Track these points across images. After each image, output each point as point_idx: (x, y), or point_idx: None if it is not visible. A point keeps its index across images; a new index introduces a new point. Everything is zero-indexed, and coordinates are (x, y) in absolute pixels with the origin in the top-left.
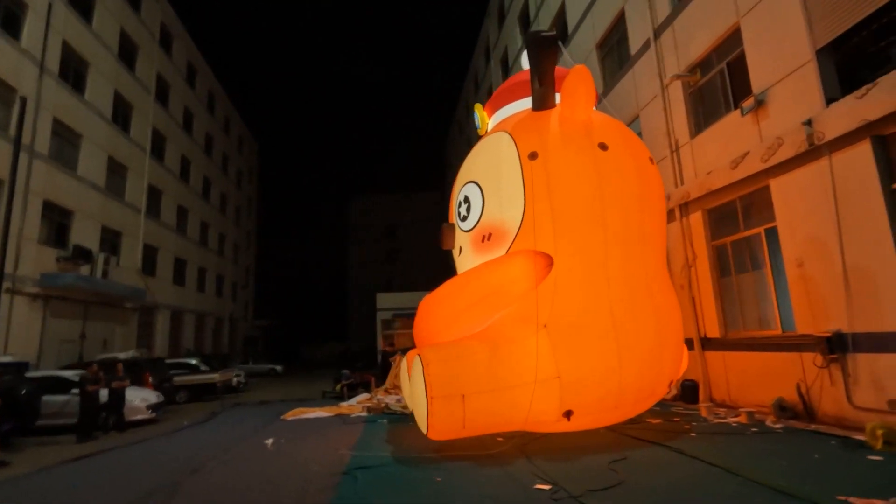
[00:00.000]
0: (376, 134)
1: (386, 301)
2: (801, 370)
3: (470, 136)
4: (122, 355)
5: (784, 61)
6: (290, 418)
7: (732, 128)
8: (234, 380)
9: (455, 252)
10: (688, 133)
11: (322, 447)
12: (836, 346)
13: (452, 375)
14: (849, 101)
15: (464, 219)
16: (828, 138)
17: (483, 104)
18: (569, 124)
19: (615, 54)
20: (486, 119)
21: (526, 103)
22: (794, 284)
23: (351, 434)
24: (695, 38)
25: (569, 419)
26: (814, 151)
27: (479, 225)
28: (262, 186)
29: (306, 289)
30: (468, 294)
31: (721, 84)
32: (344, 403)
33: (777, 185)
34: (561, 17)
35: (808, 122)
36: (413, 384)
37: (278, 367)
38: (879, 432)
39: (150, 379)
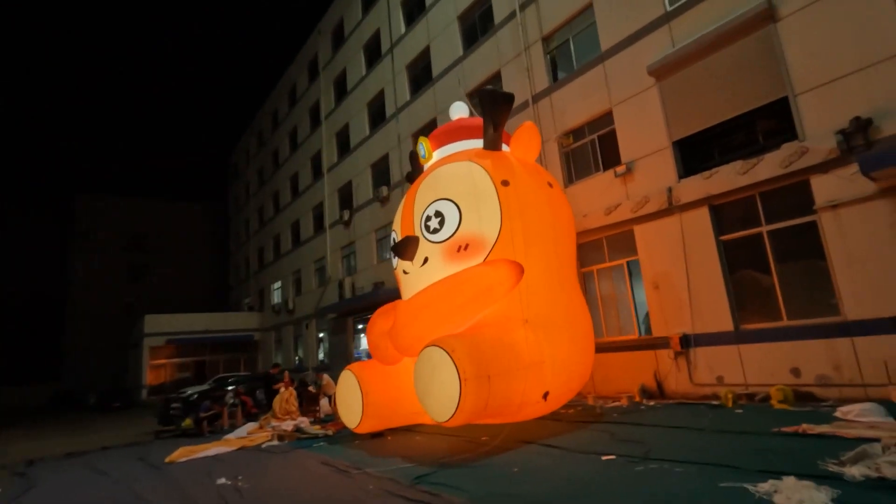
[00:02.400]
0: (130, 122)
1: (158, 325)
2: (655, 362)
3: (276, 149)
4: None
5: (648, 143)
6: (182, 460)
7: (605, 184)
8: None
9: (415, 262)
10: (562, 182)
11: (316, 475)
12: (683, 344)
13: (479, 357)
14: (698, 179)
15: (434, 231)
16: (682, 202)
17: (309, 120)
18: (524, 164)
19: None
20: (432, 150)
21: (465, 144)
22: (652, 301)
23: (305, 461)
24: (571, 111)
25: (546, 400)
26: (670, 209)
27: (454, 237)
28: None
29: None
30: (462, 294)
31: (592, 150)
32: (231, 436)
33: (640, 230)
34: (423, 60)
35: (670, 189)
36: (429, 375)
37: None
38: (730, 395)
39: None
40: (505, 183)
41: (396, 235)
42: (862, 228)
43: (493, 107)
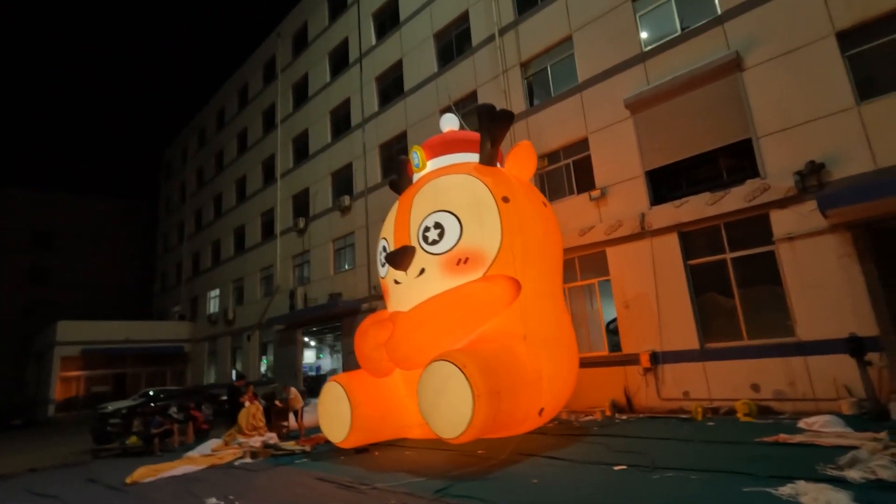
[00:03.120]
0: (41, 107)
1: (72, 332)
2: (624, 378)
3: (221, 149)
4: None
5: (622, 171)
6: (147, 480)
7: (579, 206)
8: None
9: (409, 272)
10: None
11: (320, 492)
12: (652, 360)
13: (489, 373)
14: (669, 207)
15: (433, 243)
16: (654, 227)
17: (262, 123)
18: (520, 182)
19: (465, 120)
20: (426, 160)
21: (461, 157)
22: (622, 319)
23: (296, 478)
24: (548, 135)
25: (540, 415)
26: (642, 234)
27: (454, 249)
28: None
29: None
30: (464, 308)
31: (567, 173)
32: (193, 453)
33: (612, 252)
34: (395, 73)
35: (643, 215)
36: (437, 390)
37: None
38: (699, 410)
39: None
40: (505, 199)
41: (388, 244)
42: (814, 259)
43: (492, 123)
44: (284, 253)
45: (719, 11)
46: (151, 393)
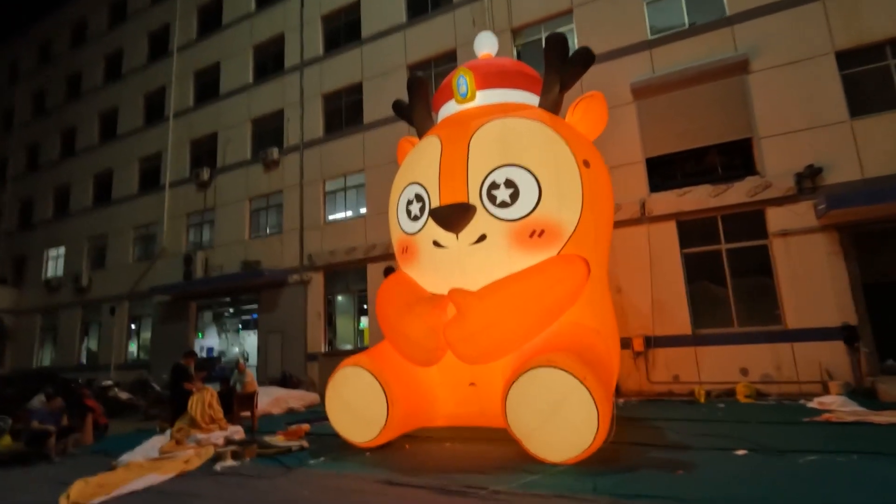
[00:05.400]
0: None
1: None
2: None
3: (79, 71)
4: None
5: (621, 155)
6: (96, 500)
7: None
8: None
9: (462, 236)
10: None
11: (413, 500)
12: (644, 344)
13: (604, 383)
14: (671, 195)
15: (503, 205)
16: (654, 214)
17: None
18: (589, 143)
19: (437, 81)
20: (475, 89)
21: (519, 96)
22: (614, 304)
23: (351, 483)
24: None
25: None
26: (640, 220)
27: (530, 217)
28: None
29: None
30: (554, 296)
31: None
32: (131, 457)
33: None
34: (350, 15)
35: (643, 201)
36: (551, 406)
37: None
38: (702, 392)
39: None
40: (586, 164)
41: (429, 195)
42: (805, 254)
43: (564, 62)
44: (176, 209)
45: (728, 13)
46: None
